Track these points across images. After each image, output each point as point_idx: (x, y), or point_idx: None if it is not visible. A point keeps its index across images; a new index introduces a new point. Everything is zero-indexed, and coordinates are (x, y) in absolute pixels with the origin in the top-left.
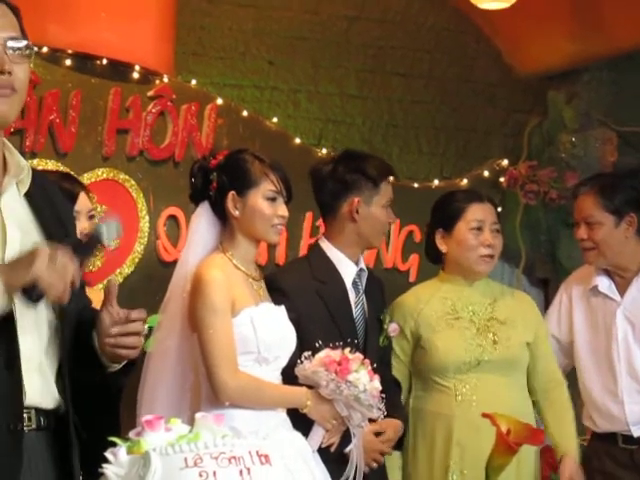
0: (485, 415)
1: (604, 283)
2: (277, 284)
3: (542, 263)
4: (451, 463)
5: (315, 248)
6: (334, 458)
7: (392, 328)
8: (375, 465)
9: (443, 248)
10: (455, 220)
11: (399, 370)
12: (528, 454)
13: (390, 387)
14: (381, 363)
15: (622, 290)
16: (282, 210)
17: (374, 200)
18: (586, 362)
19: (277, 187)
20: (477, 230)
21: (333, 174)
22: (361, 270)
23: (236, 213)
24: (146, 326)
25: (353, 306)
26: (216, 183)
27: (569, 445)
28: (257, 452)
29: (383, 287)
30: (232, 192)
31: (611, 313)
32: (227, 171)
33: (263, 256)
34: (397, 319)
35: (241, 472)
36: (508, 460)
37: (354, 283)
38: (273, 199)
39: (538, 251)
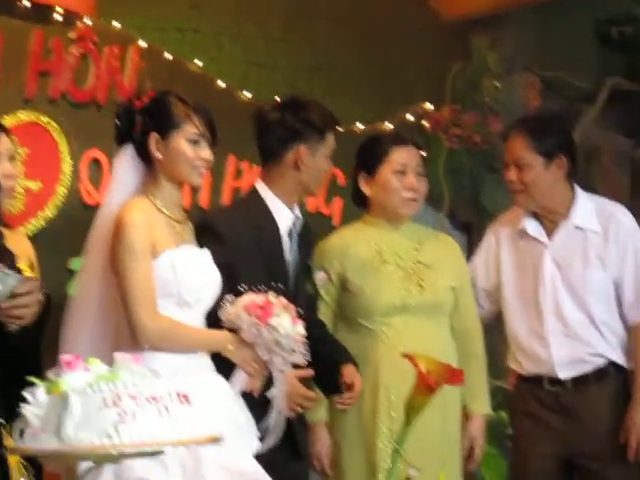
0: (405, 356)
1: (532, 226)
2: (213, 227)
3: (465, 207)
4: (379, 406)
5: (252, 193)
6: (259, 403)
7: (320, 276)
8: (300, 410)
9: (367, 191)
10: (379, 163)
11: (324, 313)
12: (453, 395)
13: (319, 333)
14: (309, 310)
15: (550, 233)
16: (205, 153)
17: (319, 150)
18: (513, 304)
19: (200, 130)
20: (400, 173)
21: (281, 121)
22: (296, 218)
23: (159, 155)
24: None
25: (287, 253)
26: (140, 125)
27: (478, 403)
28: (176, 392)
29: (312, 234)
30: (155, 134)
31: (539, 256)
32: (150, 113)
33: (187, 200)
34: (323, 261)
35: (160, 411)
36: (427, 400)
37: (289, 231)
38: (196, 142)
39: (461, 195)
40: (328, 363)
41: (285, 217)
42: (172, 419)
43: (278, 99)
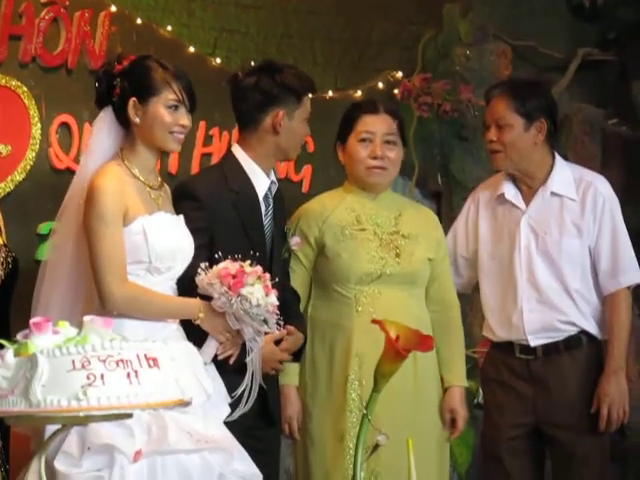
0: (375, 321)
1: (510, 191)
2: (191, 192)
3: (435, 176)
4: (350, 373)
5: (228, 157)
6: (232, 369)
7: (294, 241)
8: (274, 373)
9: (342, 160)
10: (348, 132)
11: (301, 276)
12: (427, 365)
13: (288, 298)
14: (282, 274)
15: (528, 199)
16: (183, 119)
17: (296, 114)
18: (488, 269)
19: (179, 96)
20: (366, 142)
21: (257, 85)
22: (272, 183)
23: (137, 120)
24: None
25: (264, 218)
26: (119, 89)
27: (455, 375)
28: (145, 355)
29: (283, 200)
30: (133, 98)
31: (516, 221)
32: (130, 77)
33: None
34: (302, 226)
35: (129, 375)
36: (397, 366)
37: (265, 195)
38: (175, 107)
39: (431, 164)
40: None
41: (262, 182)
42: (141, 382)
43: (253, 64)
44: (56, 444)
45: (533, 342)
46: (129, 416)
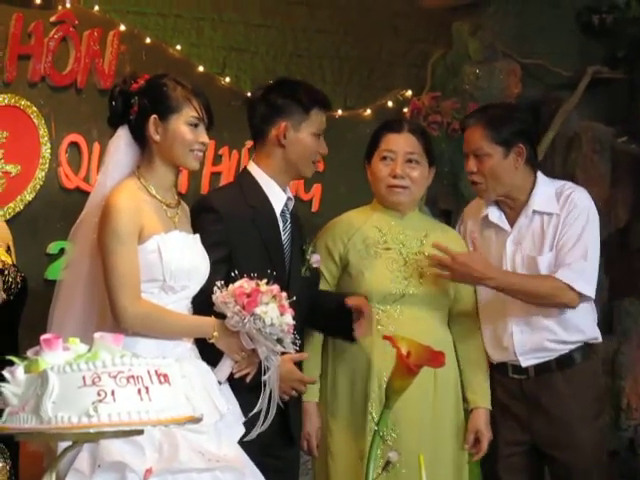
0: (386, 337)
1: (494, 213)
2: (210, 205)
3: (444, 194)
4: (370, 393)
5: (245, 174)
6: (250, 388)
7: (315, 259)
8: (295, 394)
9: (370, 178)
10: (373, 151)
11: None
12: (446, 384)
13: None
14: (310, 289)
15: (512, 220)
16: (203, 137)
17: (303, 126)
18: (481, 293)
19: (199, 113)
20: (387, 160)
21: (265, 98)
22: (289, 199)
23: (157, 137)
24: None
25: (282, 235)
26: (137, 107)
27: (480, 396)
28: (156, 371)
29: (299, 217)
30: (154, 116)
31: (501, 243)
32: (149, 95)
33: None
34: (327, 241)
35: (139, 391)
36: (408, 383)
37: (282, 211)
38: (195, 125)
39: (441, 182)
40: (335, 309)
41: (278, 197)
42: (151, 399)
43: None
44: (67, 461)
45: (524, 363)
46: (140, 432)
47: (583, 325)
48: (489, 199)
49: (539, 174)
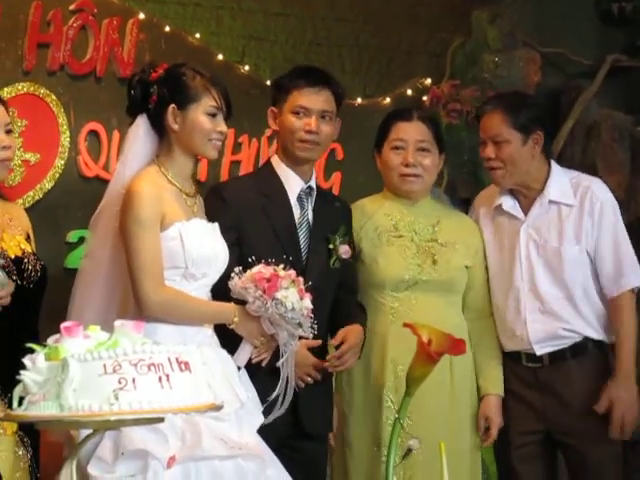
0: (406, 325)
1: (508, 202)
2: (218, 193)
3: (464, 183)
4: (386, 382)
5: (266, 164)
6: (267, 373)
7: (344, 250)
8: (310, 380)
9: (380, 167)
10: (383, 140)
11: None
12: (463, 372)
13: (350, 305)
14: (343, 287)
15: (526, 209)
16: (221, 126)
17: (284, 109)
18: (493, 281)
19: (218, 103)
20: (398, 149)
21: (274, 85)
22: (309, 188)
23: (175, 127)
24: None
25: (297, 222)
26: (156, 96)
27: (491, 383)
28: (177, 359)
29: (348, 211)
30: (173, 105)
31: (515, 232)
32: (168, 84)
33: None
34: None
35: (160, 379)
36: (429, 370)
37: (299, 199)
38: (214, 115)
39: (460, 171)
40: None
41: (295, 185)
42: (172, 387)
43: None
44: (89, 449)
45: (539, 351)
46: (161, 420)
47: (597, 318)
48: (506, 186)
49: (553, 164)
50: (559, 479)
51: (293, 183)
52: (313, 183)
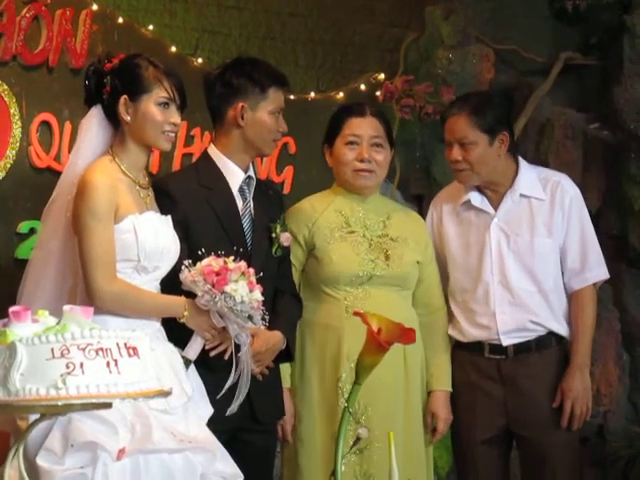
0: (356, 314)
1: (476, 198)
2: (163, 187)
3: (416, 179)
4: (341, 376)
5: (203, 156)
6: (221, 367)
7: (284, 237)
8: (266, 372)
9: (329, 162)
10: (335, 135)
11: (294, 277)
12: (415, 363)
13: (281, 298)
14: (279, 275)
15: (495, 204)
16: (174, 117)
17: (260, 106)
18: (457, 275)
19: (169, 94)
20: (353, 144)
21: (221, 78)
22: (249, 178)
23: (127, 118)
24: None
25: (240, 212)
26: (109, 87)
27: (437, 379)
28: (125, 344)
29: (281, 198)
30: (124, 96)
31: (484, 226)
32: (121, 75)
33: None
34: (291, 227)
35: (108, 364)
36: (378, 359)
37: (241, 190)
38: (165, 105)
39: (413, 167)
40: None
41: (236, 176)
42: (121, 372)
43: None
44: (38, 441)
45: (505, 342)
46: (109, 406)
47: (563, 312)
48: (473, 184)
49: (520, 160)
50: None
51: (233, 174)
52: (252, 172)
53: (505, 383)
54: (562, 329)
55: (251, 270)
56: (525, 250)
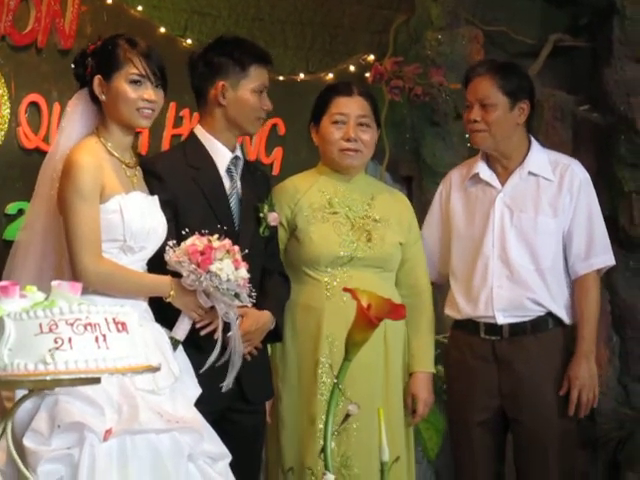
0: (346, 289)
1: (485, 171)
2: (151, 167)
3: (406, 161)
4: (320, 357)
5: (190, 136)
6: (209, 347)
7: (272, 217)
8: (255, 352)
9: (316, 141)
10: (321, 114)
11: None
12: (396, 340)
13: (269, 278)
14: (267, 255)
15: (503, 179)
16: (148, 94)
17: (241, 84)
18: (459, 247)
19: (141, 70)
20: (339, 123)
21: (203, 57)
22: (236, 158)
23: (102, 97)
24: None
25: (228, 192)
26: (89, 68)
27: (419, 361)
28: (114, 319)
29: (268, 179)
30: (98, 76)
31: (490, 200)
32: (97, 55)
33: None
34: (274, 206)
35: (97, 339)
36: (368, 335)
37: (228, 170)
38: (137, 82)
39: (402, 148)
40: None
41: (223, 156)
42: (109, 347)
43: None
44: (24, 422)
45: (500, 320)
46: (97, 381)
47: (562, 295)
48: (486, 148)
49: (532, 140)
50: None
51: (221, 154)
52: (239, 152)
53: (500, 365)
54: (560, 311)
55: (236, 248)
56: (528, 227)
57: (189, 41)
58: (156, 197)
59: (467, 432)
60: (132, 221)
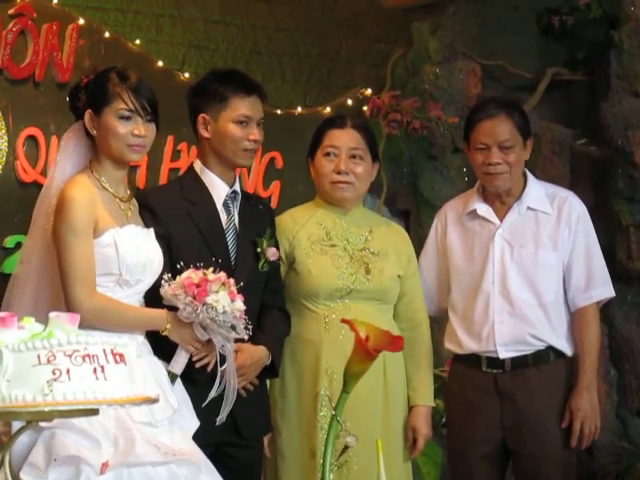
0: (344, 321)
1: (482, 207)
2: (145, 201)
3: (404, 194)
4: (320, 390)
5: (189, 169)
6: (206, 380)
7: (271, 252)
8: (250, 388)
9: (313, 175)
10: (316, 147)
11: None
12: (397, 374)
13: (268, 313)
14: (267, 290)
15: (500, 215)
16: (138, 129)
17: (221, 115)
18: (459, 284)
19: (130, 106)
20: (330, 156)
21: (191, 90)
22: (234, 192)
23: (93, 132)
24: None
25: (224, 227)
26: (82, 102)
27: (419, 394)
28: (112, 351)
29: (271, 212)
30: (89, 111)
31: (489, 236)
32: (89, 89)
33: None
34: None
35: (95, 370)
36: (366, 367)
37: (225, 204)
38: (127, 118)
39: (400, 182)
40: None
41: (220, 190)
42: (107, 378)
43: None
44: (22, 455)
45: (503, 354)
46: (95, 412)
47: (563, 328)
48: (505, 189)
49: (527, 172)
50: None
51: (218, 188)
52: (237, 187)
53: (502, 398)
54: (561, 345)
55: (231, 280)
56: (528, 262)
57: (187, 75)
58: (152, 230)
59: (468, 465)
60: (127, 254)
